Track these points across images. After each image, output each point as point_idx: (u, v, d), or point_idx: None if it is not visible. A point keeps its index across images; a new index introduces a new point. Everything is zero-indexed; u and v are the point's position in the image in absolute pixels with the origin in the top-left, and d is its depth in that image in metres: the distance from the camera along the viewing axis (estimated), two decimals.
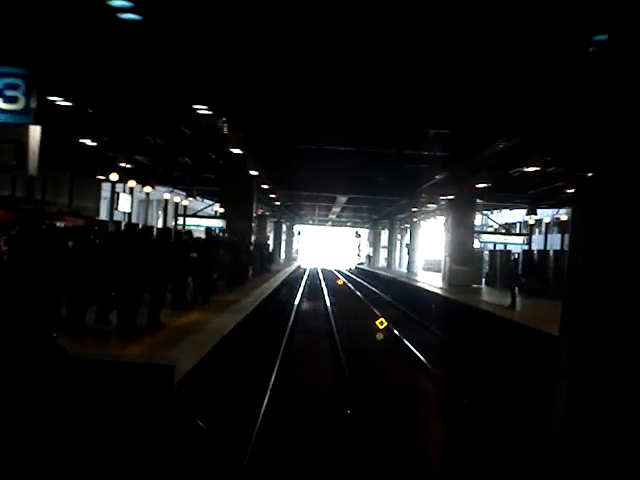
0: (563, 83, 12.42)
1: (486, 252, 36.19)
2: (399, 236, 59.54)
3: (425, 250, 51.88)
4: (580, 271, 6.38)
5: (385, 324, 20.68)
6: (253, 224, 30.60)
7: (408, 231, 50.77)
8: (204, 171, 30.74)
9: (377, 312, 25.96)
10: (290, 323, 20.81)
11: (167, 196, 32.85)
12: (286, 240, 72.68)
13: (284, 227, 68.81)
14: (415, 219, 46.19)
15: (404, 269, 58.91)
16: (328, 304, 28.29)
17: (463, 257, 30.32)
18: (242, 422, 9.24)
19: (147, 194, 32.10)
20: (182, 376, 7.67)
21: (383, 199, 39.73)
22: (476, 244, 34.27)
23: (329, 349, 17.33)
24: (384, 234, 72.53)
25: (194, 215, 32.59)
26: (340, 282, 42.74)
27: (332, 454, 8.67)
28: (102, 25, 9.98)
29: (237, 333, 12.63)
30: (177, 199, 34.21)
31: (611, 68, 6.50)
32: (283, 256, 72.06)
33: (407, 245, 49.50)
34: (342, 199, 42.28)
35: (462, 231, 30.64)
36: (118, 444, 6.49)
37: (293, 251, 79.57)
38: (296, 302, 28.09)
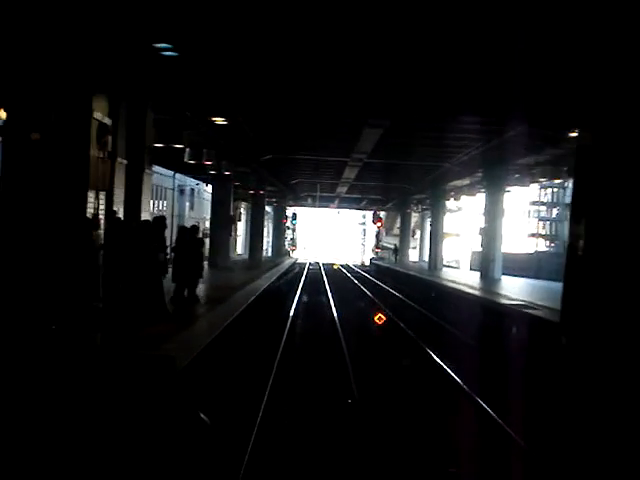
0: None
1: None
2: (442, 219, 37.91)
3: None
4: (581, 258, 6.36)
5: None
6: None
7: (476, 209, 28.90)
8: None
9: None
10: None
11: None
12: (274, 226, 50.36)
13: (268, 208, 46.86)
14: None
15: (460, 271, 37.91)
16: None
17: None
18: None
19: None
20: None
21: (469, 129, 17.90)
22: None
23: None
24: (415, 217, 51.45)
25: None
26: (379, 319, 17.54)
27: None
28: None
29: None
30: None
31: None
32: (271, 249, 50.45)
33: (482, 230, 27.82)
34: (372, 134, 20.20)
35: None
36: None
37: (286, 243, 57.60)
38: None
